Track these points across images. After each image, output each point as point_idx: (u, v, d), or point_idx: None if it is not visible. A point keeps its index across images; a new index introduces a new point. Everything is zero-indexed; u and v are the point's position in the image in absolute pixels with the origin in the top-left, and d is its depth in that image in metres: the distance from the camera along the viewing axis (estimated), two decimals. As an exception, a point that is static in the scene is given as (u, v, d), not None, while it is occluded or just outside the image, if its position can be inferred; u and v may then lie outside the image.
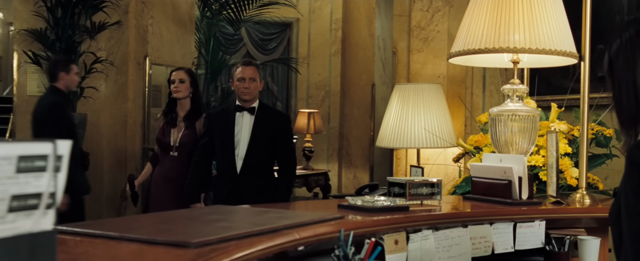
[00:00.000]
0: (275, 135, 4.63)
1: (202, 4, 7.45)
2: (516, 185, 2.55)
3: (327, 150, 9.57)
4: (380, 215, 2.15)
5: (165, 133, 5.01)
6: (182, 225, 1.76)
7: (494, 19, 2.69)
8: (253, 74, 4.60)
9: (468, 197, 2.71)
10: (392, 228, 2.10)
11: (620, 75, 1.68)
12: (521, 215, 2.42)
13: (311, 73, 9.63)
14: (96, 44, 6.41)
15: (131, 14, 6.48)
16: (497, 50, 2.67)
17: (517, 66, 2.88)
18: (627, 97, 1.66)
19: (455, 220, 2.28)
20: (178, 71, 5.09)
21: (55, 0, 6.18)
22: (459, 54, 2.80)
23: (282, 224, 1.79)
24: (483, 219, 2.34)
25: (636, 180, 1.59)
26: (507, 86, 2.89)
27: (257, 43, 9.70)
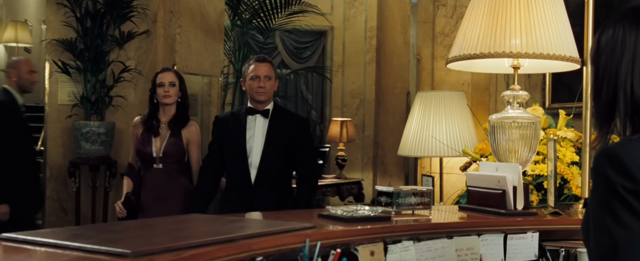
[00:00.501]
0: (293, 141, 4.12)
1: (232, 12, 7.46)
2: (510, 195, 2.45)
3: (362, 159, 9.51)
4: (358, 225, 2.09)
5: (145, 142, 4.35)
6: (134, 234, 1.73)
7: (491, 23, 2.61)
8: (268, 72, 4.10)
9: (464, 207, 2.62)
10: (368, 238, 2.04)
11: (606, 67, 1.57)
12: (512, 226, 2.33)
13: (346, 81, 9.58)
14: (125, 53, 6.46)
15: (159, 23, 6.52)
16: (492, 55, 2.58)
17: (517, 72, 2.79)
18: (607, 91, 1.56)
19: (439, 231, 2.20)
20: (166, 73, 4.50)
21: (84, 11, 6.26)
22: (456, 59, 2.72)
23: (240, 234, 1.74)
24: (470, 230, 2.26)
25: (601, 191, 1.50)
26: (508, 92, 2.79)
27: (291, 51, 9.69)
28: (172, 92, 4.38)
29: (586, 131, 2.72)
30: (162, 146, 4.34)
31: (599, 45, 1.61)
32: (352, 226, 2.07)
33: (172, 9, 6.63)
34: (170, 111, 4.42)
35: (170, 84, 4.40)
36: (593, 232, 1.51)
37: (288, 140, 4.12)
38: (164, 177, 4.33)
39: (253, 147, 4.13)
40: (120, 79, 6.30)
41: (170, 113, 4.42)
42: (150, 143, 4.35)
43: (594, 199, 1.51)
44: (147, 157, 4.34)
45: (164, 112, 4.42)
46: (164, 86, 4.39)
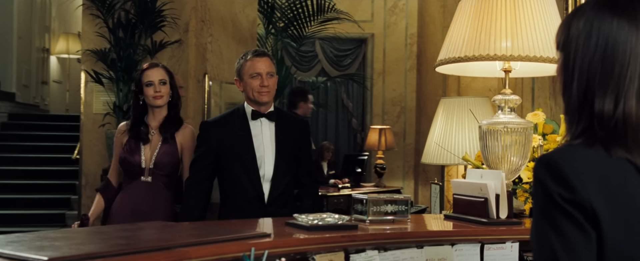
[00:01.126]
0: (298, 147, 3.64)
1: (267, 21, 7.48)
2: (492, 203, 2.36)
3: (403, 167, 9.40)
4: (319, 233, 2.04)
5: (132, 151, 3.65)
6: (72, 242, 1.71)
7: (476, 26, 2.52)
8: (270, 67, 3.55)
9: (449, 216, 2.54)
10: (327, 247, 1.98)
11: (577, 58, 1.46)
12: (489, 236, 2.24)
13: (386, 89, 9.50)
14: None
15: (191, 33, 6.57)
16: (476, 58, 2.50)
17: (509, 75, 2.69)
18: (579, 85, 1.46)
19: (407, 240, 2.13)
20: (154, 69, 3.70)
21: (117, 21, 6.36)
22: (441, 62, 2.64)
23: (180, 242, 1.71)
24: (443, 240, 2.17)
25: (540, 201, 1.41)
26: (498, 97, 2.70)
27: (331, 59, 9.67)
28: (164, 92, 3.65)
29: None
30: (153, 155, 3.65)
31: (569, 31, 1.51)
32: (312, 234, 2.02)
33: (203, 18, 6.68)
34: (161, 114, 3.71)
35: (160, 82, 3.65)
36: (535, 242, 1.43)
37: (295, 147, 3.62)
38: (150, 192, 3.63)
39: (264, 156, 3.54)
40: (152, 88, 6.36)
41: (160, 117, 3.71)
42: (138, 151, 3.66)
43: (535, 206, 1.43)
44: (135, 167, 3.65)
45: (154, 115, 3.71)
46: (153, 85, 3.63)
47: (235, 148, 3.53)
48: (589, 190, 1.34)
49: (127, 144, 3.68)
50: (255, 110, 3.56)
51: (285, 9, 7.39)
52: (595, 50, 1.44)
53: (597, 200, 1.34)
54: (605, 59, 1.44)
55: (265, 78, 3.50)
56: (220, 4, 6.86)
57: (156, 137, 3.68)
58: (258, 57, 3.55)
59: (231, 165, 3.53)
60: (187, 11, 6.50)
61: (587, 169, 1.37)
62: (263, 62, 3.53)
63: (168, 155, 3.67)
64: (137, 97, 3.73)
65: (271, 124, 3.59)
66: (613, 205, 1.35)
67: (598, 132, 1.42)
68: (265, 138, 3.57)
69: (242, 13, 7.11)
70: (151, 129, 3.70)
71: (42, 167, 8.37)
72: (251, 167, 3.49)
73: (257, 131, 3.57)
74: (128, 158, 3.65)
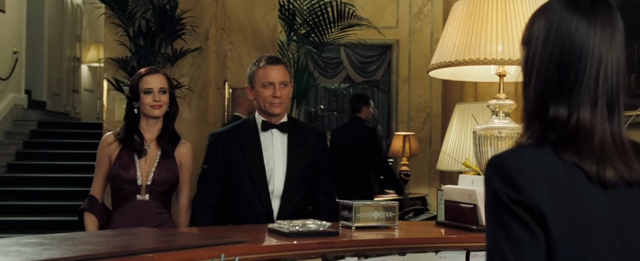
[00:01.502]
0: (313, 160, 3.36)
1: (288, 27, 7.49)
2: (481, 210, 2.32)
3: (429, 174, 9.33)
4: (298, 239, 2.02)
5: (127, 165, 3.28)
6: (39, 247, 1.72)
7: (467, 30, 2.49)
8: (284, 76, 3.29)
9: (441, 223, 2.50)
10: (303, 254, 1.96)
11: (536, 58, 1.44)
12: (475, 243, 2.20)
13: (412, 95, 9.45)
14: (179, 70, 6.58)
15: (211, 40, 6.61)
16: (466, 62, 2.46)
17: (503, 79, 2.65)
18: (536, 87, 1.44)
19: (389, 247, 2.10)
20: (154, 75, 3.39)
21: (137, 29, 6.42)
22: (433, 67, 2.61)
23: (146, 247, 1.71)
24: (426, 246, 2.14)
25: (490, 202, 1.40)
26: (493, 101, 2.66)
27: (356, 66, 9.65)
28: (164, 101, 3.33)
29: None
30: (151, 171, 3.29)
31: (532, 28, 1.48)
32: (290, 241, 2.00)
33: (223, 25, 6.72)
34: (157, 126, 3.39)
35: (160, 91, 3.33)
36: (487, 243, 1.41)
37: (310, 160, 3.36)
38: (148, 213, 3.26)
39: (274, 170, 3.28)
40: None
41: (156, 129, 3.39)
42: (133, 166, 3.29)
43: (486, 210, 1.41)
44: (129, 185, 3.28)
45: (148, 126, 3.38)
46: (152, 93, 3.31)
47: (244, 162, 3.28)
48: (536, 190, 1.32)
49: (119, 158, 3.30)
50: (266, 121, 3.32)
51: (307, 15, 7.39)
52: (552, 54, 1.42)
53: (544, 201, 1.32)
54: (561, 64, 1.41)
55: (278, 88, 3.25)
56: (240, 12, 6.90)
57: (153, 150, 3.35)
58: (272, 64, 3.29)
59: (239, 180, 3.28)
60: (207, 19, 6.53)
61: (535, 170, 1.34)
62: (277, 71, 3.27)
63: (168, 170, 3.32)
64: (131, 104, 3.40)
65: (283, 136, 3.33)
66: (561, 206, 1.32)
67: (550, 134, 1.39)
68: (276, 151, 3.31)
69: (262, 20, 7.13)
70: (146, 141, 3.35)
71: (72, 174, 8.48)
72: (260, 181, 3.26)
73: (268, 143, 3.32)
74: (122, 174, 3.27)
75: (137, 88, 3.35)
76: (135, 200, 3.29)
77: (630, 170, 1.38)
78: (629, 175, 1.37)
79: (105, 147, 3.39)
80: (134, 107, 3.39)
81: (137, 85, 3.35)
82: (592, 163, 1.35)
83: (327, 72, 9.58)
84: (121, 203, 3.31)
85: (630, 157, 1.40)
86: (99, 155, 3.41)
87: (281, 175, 3.27)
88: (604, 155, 1.36)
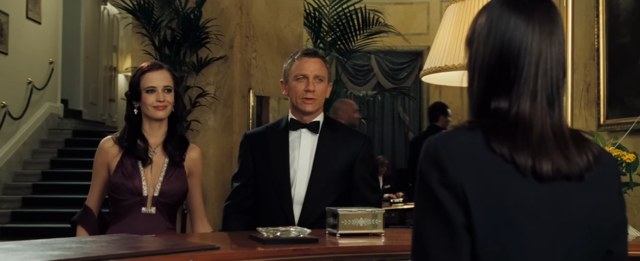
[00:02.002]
0: (351, 168, 3.02)
1: (315, 35, 7.51)
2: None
3: (461, 181, 9.24)
4: (276, 246, 2.01)
5: (130, 174, 2.89)
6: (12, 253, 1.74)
7: (457, 35, 2.46)
8: (320, 70, 2.99)
9: (431, 230, 2.47)
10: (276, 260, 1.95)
11: (478, 57, 1.46)
12: (458, 250, 2.16)
13: (443, 101, 9.37)
14: (205, 79, 6.64)
15: (236, 49, 6.65)
16: (456, 67, 2.43)
17: (497, 85, 2.60)
18: (479, 85, 1.45)
19: (368, 255, 2.08)
20: (159, 72, 2.97)
21: (162, 39, 6.50)
22: (425, 73, 2.59)
23: (110, 253, 1.72)
24: (406, 254, 2.11)
25: (417, 182, 1.41)
26: (486, 107, 2.61)
27: (387, 73, 9.62)
28: (168, 101, 2.93)
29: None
30: (158, 180, 2.92)
31: (474, 27, 1.49)
32: (266, 248, 1.99)
33: (247, 34, 6.76)
34: (161, 129, 2.99)
35: (165, 89, 2.92)
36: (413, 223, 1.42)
37: (345, 166, 3.02)
38: (154, 228, 2.85)
39: (297, 173, 2.99)
40: (197, 104, 6.47)
41: (160, 132, 2.99)
42: (138, 175, 2.90)
43: (415, 190, 1.42)
44: (134, 196, 2.89)
45: (152, 129, 2.98)
46: (155, 92, 2.90)
47: (268, 163, 3.03)
48: (462, 173, 1.33)
49: (121, 166, 2.91)
50: (296, 120, 3.04)
51: (332, 23, 7.40)
52: (492, 50, 1.43)
53: (468, 184, 1.32)
54: (502, 60, 1.42)
55: (311, 82, 2.95)
56: (264, 20, 6.93)
57: (159, 157, 2.95)
58: (307, 56, 3.01)
59: (262, 182, 3.05)
60: (232, 27, 6.58)
61: (463, 153, 1.35)
62: (312, 63, 2.99)
63: (178, 180, 2.94)
64: (131, 104, 2.98)
65: (313, 137, 3.03)
66: (485, 192, 1.33)
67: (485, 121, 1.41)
68: (303, 153, 3.01)
69: (287, 28, 7.16)
70: (151, 147, 2.96)
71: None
72: (282, 185, 2.97)
73: (295, 144, 3.03)
74: (125, 183, 2.87)
75: (138, 86, 2.93)
76: (140, 213, 2.88)
77: (569, 163, 1.37)
78: (567, 169, 1.37)
79: (103, 153, 2.98)
80: (133, 107, 2.97)
81: (139, 83, 2.93)
82: (528, 156, 1.35)
83: (358, 79, 9.56)
84: (122, 217, 2.90)
85: (571, 149, 1.39)
86: (97, 162, 3.00)
87: (304, 179, 2.97)
88: (542, 148, 1.36)
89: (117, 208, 2.94)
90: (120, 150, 2.96)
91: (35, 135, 9.15)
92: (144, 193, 2.89)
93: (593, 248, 1.44)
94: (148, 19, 6.45)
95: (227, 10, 6.62)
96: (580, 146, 1.43)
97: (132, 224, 2.86)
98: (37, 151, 9.08)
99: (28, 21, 8.89)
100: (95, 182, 3.03)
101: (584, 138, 1.47)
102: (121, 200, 2.91)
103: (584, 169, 1.41)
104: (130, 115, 2.99)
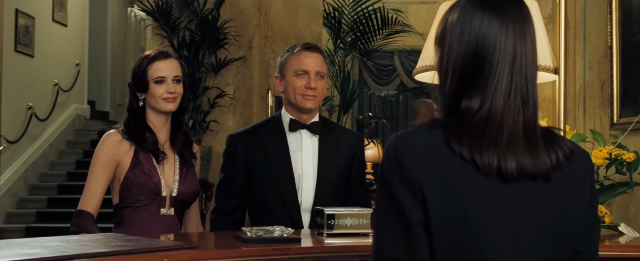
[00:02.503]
0: (348, 169, 2.92)
1: (335, 35, 7.51)
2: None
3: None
4: (256, 246, 2.01)
5: (149, 172, 2.65)
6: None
7: (448, 32, 2.43)
8: (321, 66, 2.84)
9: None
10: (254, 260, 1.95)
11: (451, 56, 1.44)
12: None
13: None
14: (224, 80, 6.68)
15: (254, 49, 6.68)
16: (446, 66, 2.40)
17: (491, 83, 2.57)
18: (451, 84, 1.43)
19: (350, 255, 2.07)
20: (168, 60, 2.74)
21: (181, 40, 6.55)
22: (417, 71, 2.57)
23: (84, 252, 1.73)
24: (390, 254, 2.10)
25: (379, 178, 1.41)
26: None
27: (410, 72, 9.57)
28: (178, 92, 2.72)
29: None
30: (174, 179, 2.71)
31: (445, 26, 1.48)
32: (247, 247, 2.00)
33: (266, 34, 6.78)
34: (168, 121, 2.78)
35: (174, 80, 2.71)
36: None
37: (346, 168, 2.91)
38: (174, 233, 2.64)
39: (302, 179, 2.81)
40: (215, 105, 6.51)
41: (167, 126, 2.78)
42: (155, 173, 2.67)
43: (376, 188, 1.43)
44: (154, 196, 2.66)
45: (158, 123, 2.75)
46: (165, 83, 2.69)
47: (268, 168, 2.81)
48: (420, 172, 1.32)
49: (138, 162, 2.64)
50: (295, 120, 2.85)
51: (352, 23, 7.40)
52: (466, 49, 1.42)
53: (427, 183, 1.32)
54: (476, 59, 1.41)
55: (312, 79, 2.78)
56: (283, 21, 6.95)
57: (170, 154, 2.76)
58: (308, 50, 2.82)
59: (264, 190, 2.82)
60: (250, 28, 6.62)
61: (422, 152, 1.34)
62: (313, 59, 2.81)
63: (193, 180, 2.77)
64: (135, 96, 2.75)
65: (314, 138, 2.87)
66: (442, 191, 1.32)
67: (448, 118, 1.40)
68: (306, 156, 2.84)
69: (306, 28, 7.17)
70: (160, 144, 2.72)
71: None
72: (288, 192, 2.78)
73: (296, 146, 2.85)
74: (147, 182, 2.63)
75: (145, 76, 2.70)
76: (158, 215, 2.65)
77: (535, 162, 1.36)
78: (532, 168, 1.35)
79: (112, 148, 2.67)
80: (138, 100, 2.74)
81: (145, 72, 2.70)
82: (493, 156, 1.33)
83: (381, 79, 9.54)
84: (138, 220, 2.66)
85: (540, 148, 1.38)
86: (102, 159, 2.66)
87: (310, 185, 2.80)
88: (510, 147, 1.35)
89: (129, 211, 2.67)
90: (131, 145, 2.67)
91: (62, 136, 9.28)
92: (163, 193, 2.66)
93: (559, 249, 1.42)
94: (167, 21, 6.50)
95: (245, 11, 6.65)
96: (550, 144, 1.41)
97: (149, 227, 2.61)
98: (64, 152, 9.21)
99: (54, 24, 9.02)
100: (97, 182, 2.65)
101: (556, 136, 1.45)
102: (138, 200, 2.65)
103: (550, 168, 1.39)
104: (134, 108, 2.75)
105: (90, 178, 2.68)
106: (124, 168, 2.65)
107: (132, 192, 2.64)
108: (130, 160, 2.64)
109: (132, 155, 2.65)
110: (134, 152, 2.66)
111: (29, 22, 8.35)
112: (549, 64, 2.40)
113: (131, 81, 2.78)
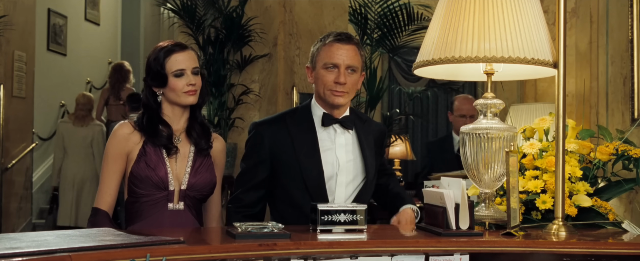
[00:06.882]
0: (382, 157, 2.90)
1: (361, 32, 7.49)
2: (451, 213, 2.23)
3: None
4: (244, 241, 2.01)
5: (155, 165, 2.57)
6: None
7: (445, 27, 2.40)
8: (353, 59, 2.65)
9: (419, 226, 2.42)
10: (241, 256, 1.95)
11: None
12: (434, 247, 2.12)
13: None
14: (250, 77, 6.70)
15: (279, 46, 6.69)
16: (443, 61, 2.38)
17: (491, 78, 2.54)
18: None
19: (338, 250, 2.06)
20: (186, 52, 2.63)
21: (206, 37, 6.59)
22: (416, 66, 2.55)
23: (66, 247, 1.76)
24: (381, 250, 2.09)
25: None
26: (480, 101, 2.55)
27: (440, 69, 9.49)
28: (198, 85, 2.63)
29: (559, 140, 2.40)
30: (185, 172, 2.62)
31: None
32: (234, 242, 2.00)
33: (291, 31, 6.79)
34: (185, 114, 2.68)
35: (193, 72, 2.62)
36: None
37: (379, 155, 2.87)
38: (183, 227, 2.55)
39: (337, 177, 2.68)
40: (240, 101, 6.54)
41: (184, 118, 2.68)
42: (163, 166, 2.58)
43: None
44: (159, 190, 2.59)
45: (175, 115, 2.67)
46: (185, 75, 2.59)
47: (296, 161, 2.66)
48: None
49: (144, 155, 2.56)
50: (328, 114, 2.70)
51: (378, 19, 7.38)
52: None
53: None
54: None
55: (343, 73, 2.63)
56: (308, 18, 6.95)
57: (184, 145, 2.65)
58: (340, 42, 2.66)
59: (290, 186, 2.69)
60: (275, 25, 6.63)
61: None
62: (346, 51, 2.64)
63: (207, 171, 2.66)
64: (152, 91, 2.65)
65: (347, 134, 2.73)
66: None
67: None
68: (340, 153, 2.70)
69: (332, 25, 7.14)
70: (175, 135, 2.64)
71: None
72: (317, 190, 2.65)
73: (327, 143, 2.71)
74: (151, 176, 2.55)
75: (163, 69, 2.59)
76: (166, 210, 2.58)
77: None
78: None
79: (122, 140, 2.60)
80: (156, 95, 2.65)
81: (163, 65, 2.59)
82: None
83: (412, 75, 9.46)
84: (144, 215, 2.59)
85: None
86: (112, 152, 2.59)
87: (345, 182, 2.68)
88: None
89: (138, 205, 2.59)
90: (141, 137, 2.60)
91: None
92: (171, 187, 2.57)
93: None
94: (191, 18, 6.56)
95: (270, 8, 6.66)
96: None
97: (157, 222, 2.55)
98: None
99: (86, 23, 9.15)
100: (110, 177, 2.60)
101: None
102: (143, 195, 2.58)
103: None
104: (150, 104, 2.65)
105: (103, 173, 2.62)
106: (131, 161, 2.58)
107: (136, 186, 2.58)
108: (137, 152, 2.58)
109: (140, 147, 2.59)
110: (142, 144, 2.59)
111: (62, 21, 8.48)
112: (548, 58, 2.36)
113: (147, 76, 2.66)
